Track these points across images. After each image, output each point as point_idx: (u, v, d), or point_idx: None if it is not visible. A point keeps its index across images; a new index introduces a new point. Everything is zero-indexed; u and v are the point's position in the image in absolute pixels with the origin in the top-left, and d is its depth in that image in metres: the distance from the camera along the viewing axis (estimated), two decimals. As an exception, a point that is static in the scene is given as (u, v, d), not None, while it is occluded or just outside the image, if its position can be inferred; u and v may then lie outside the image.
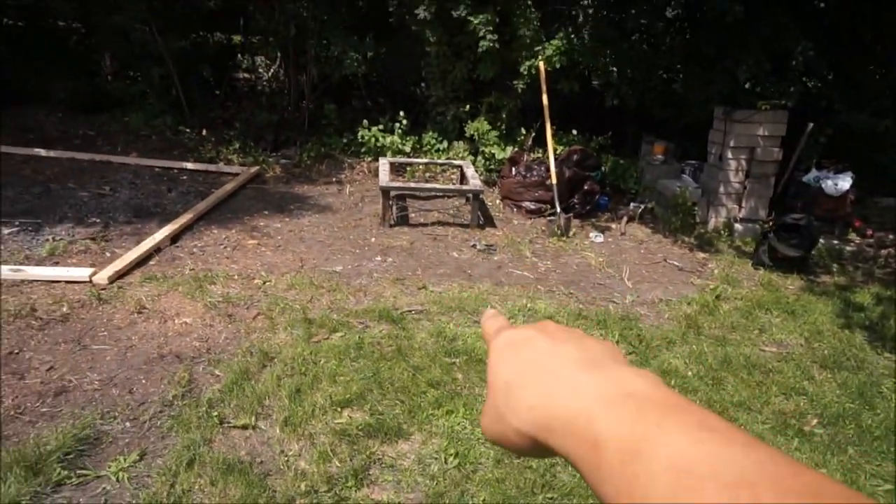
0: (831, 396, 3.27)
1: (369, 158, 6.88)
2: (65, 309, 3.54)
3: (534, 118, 6.76)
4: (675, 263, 5.00)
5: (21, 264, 3.99)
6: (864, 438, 2.94)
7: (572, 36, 6.62)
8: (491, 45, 6.34)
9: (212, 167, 6.45)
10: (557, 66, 6.35)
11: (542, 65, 5.88)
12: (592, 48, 6.81)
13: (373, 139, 6.87)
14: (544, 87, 5.74)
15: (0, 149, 6.31)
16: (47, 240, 4.40)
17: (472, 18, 6.30)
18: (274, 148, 7.08)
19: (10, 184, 5.47)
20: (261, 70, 9.28)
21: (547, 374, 0.36)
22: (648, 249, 5.30)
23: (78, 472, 2.38)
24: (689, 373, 3.41)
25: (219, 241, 4.76)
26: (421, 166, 6.77)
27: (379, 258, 4.70)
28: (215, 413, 2.76)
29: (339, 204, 5.85)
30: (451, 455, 2.63)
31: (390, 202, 5.40)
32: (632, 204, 6.11)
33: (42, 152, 6.33)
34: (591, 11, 8.00)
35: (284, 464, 2.52)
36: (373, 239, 5.06)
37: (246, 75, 9.59)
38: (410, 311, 3.86)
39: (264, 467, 2.49)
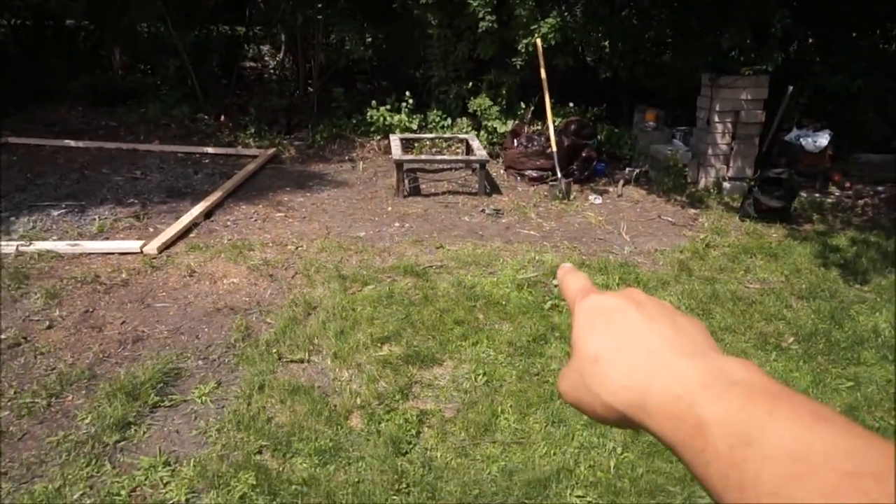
0: (806, 320, 3.72)
1: (378, 137, 7.28)
2: (124, 275, 3.96)
3: (532, 93, 7.15)
4: (669, 219, 5.43)
5: (76, 240, 4.41)
6: (832, 350, 3.40)
7: (566, 14, 7.00)
8: (490, 25, 6.70)
9: (231, 150, 6.85)
10: (553, 42, 6.73)
11: (538, 42, 6.26)
12: (585, 25, 7.19)
13: (381, 118, 7.26)
14: (542, 63, 6.13)
15: (31, 141, 6.70)
16: (94, 219, 4.82)
17: (471, 1, 6.66)
18: (287, 131, 7.48)
19: (48, 172, 5.87)
20: (267, 58, 9.64)
21: (643, 353, 0.35)
22: (644, 208, 5.72)
23: (168, 397, 2.82)
24: (682, 306, 3.84)
25: (248, 215, 5.17)
26: (428, 141, 7.17)
27: (397, 224, 5.12)
28: (274, 351, 3.20)
29: (353, 179, 6.26)
30: (480, 374, 3.08)
31: (403, 174, 5.81)
32: (627, 168, 6.52)
33: (71, 143, 6.72)
34: (582, -11, 8.37)
35: (339, 387, 2.96)
36: (389, 208, 5.48)
37: (252, 64, 9.95)
38: (431, 266, 4.29)
39: (322, 390, 2.94)
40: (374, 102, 7.40)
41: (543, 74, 6.12)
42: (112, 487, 2.28)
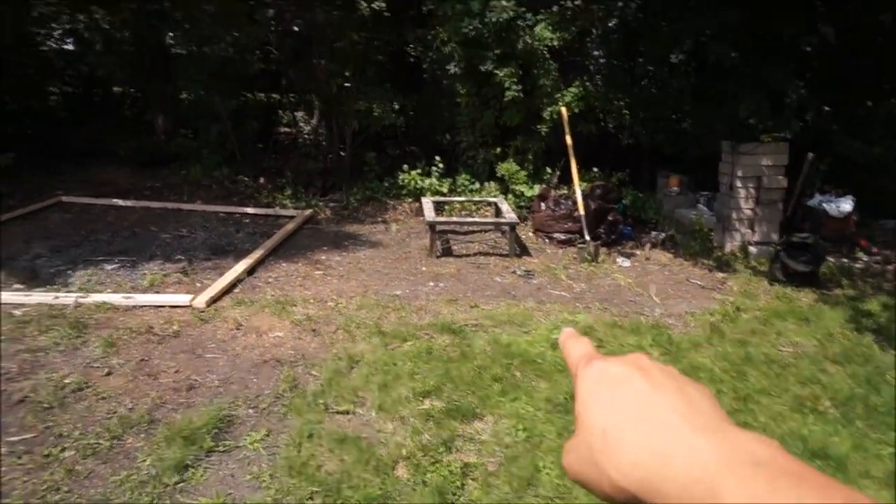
0: (842, 384, 3.76)
1: (410, 200, 7.55)
2: (175, 327, 4.14)
3: (557, 158, 7.43)
4: (697, 282, 5.54)
5: (129, 293, 4.62)
6: (870, 415, 3.43)
7: (587, 83, 7.36)
8: (516, 94, 7.06)
9: (269, 211, 7.14)
10: (576, 110, 7.06)
11: (563, 109, 6.58)
12: (606, 93, 7.55)
13: (412, 182, 7.56)
14: (567, 129, 6.42)
15: (83, 200, 7.06)
16: (145, 273, 5.05)
17: (497, 72, 7.04)
18: (322, 193, 7.79)
19: (100, 229, 6.18)
20: (301, 124, 10.10)
21: (655, 427, 0.33)
22: (671, 271, 5.85)
23: (222, 442, 2.94)
24: (716, 368, 3.92)
25: (289, 272, 5.38)
26: (458, 204, 7.42)
27: (431, 283, 5.29)
28: (320, 402, 3.32)
29: (387, 240, 6.48)
30: (520, 430, 3.16)
31: (436, 236, 6.02)
32: (653, 232, 6.68)
33: (120, 202, 7.07)
34: (602, 61, 8.79)
35: (384, 438, 3.06)
36: (423, 268, 5.66)
37: (287, 129, 10.43)
38: (467, 324, 4.43)
39: (368, 440, 3.04)
40: (405, 166, 7.71)
41: (569, 140, 6.40)
42: (175, 527, 2.38)
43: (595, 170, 7.52)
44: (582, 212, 6.16)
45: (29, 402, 3.20)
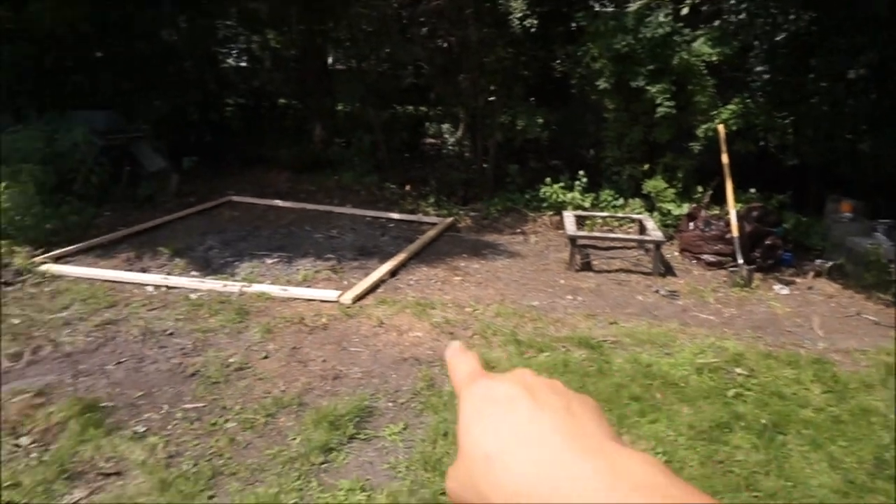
0: None
1: (550, 213, 7.51)
2: (324, 320, 4.41)
3: (709, 177, 7.05)
4: (871, 318, 4.99)
5: (285, 286, 5.00)
6: None
7: (748, 100, 6.91)
8: (668, 110, 6.79)
9: (413, 217, 7.41)
10: (733, 128, 6.66)
11: (720, 127, 6.23)
12: (769, 111, 7.04)
13: (554, 195, 7.51)
14: (724, 148, 6.07)
15: (249, 200, 7.75)
16: (299, 269, 5.44)
17: (649, 88, 6.82)
18: (464, 202, 7.96)
19: (263, 226, 6.74)
20: (446, 136, 10.41)
21: (535, 452, 0.32)
22: (839, 304, 5.32)
23: (363, 431, 3.08)
24: (891, 414, 3.50)
25: (429, 276, 5.54)
26: (600, 219, 7.26)
27: (570, 297, 5.21)
28: (456, 402, 3.37)
29: (526, 251, 6.49)
30: (660, 454, 3.02)
31: (576, 249, 5.93)
32: (818, 260, 6.12)
33: (279, 203, 7.68)
34: (766, 77, 8.23)
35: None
36: (562, 281, 5.59)
37: (432, 140, 10.79)
38: (605, 340, 4.31)
39: (502, 445, 3.04)
40: (548, 179, 7.68)
41: (725, 159, 6.05)
42: (318, 501, 2.53)
43: (752, 191, 7.03)
44: (735, 234, 5.79)
45: (200, 375, 3.56)
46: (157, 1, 8.57)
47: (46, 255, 5.40)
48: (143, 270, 5.29)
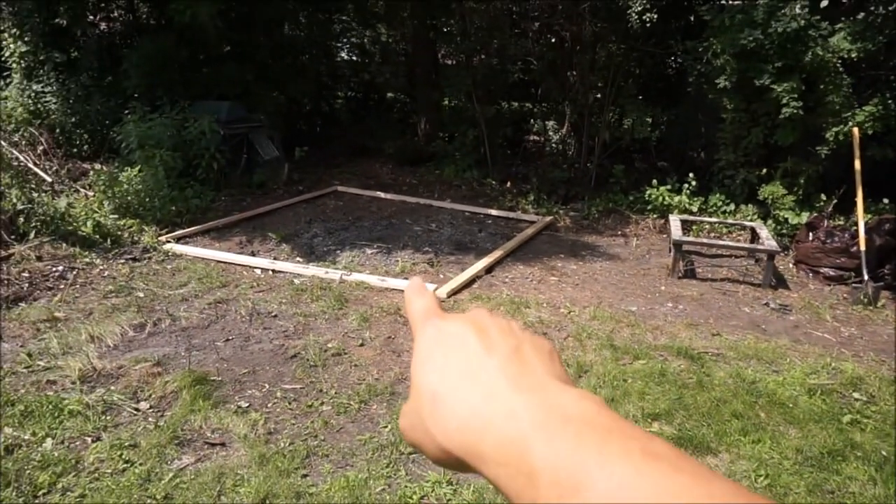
0: None
1: (655, 216, 7.24)
2: (419, 312, 4.49)
3: (833, 184, 6.53)
4: None
5: (384, 276, 5.14)
6: None
7: (889, 101, 6.32)
8: (794, 111, 6.34)
9: (511, 214, 7.39)
10: (869, 132, 6.11)
11: (855, 130, 5.76)
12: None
13: (660, 198, 7.23)
14: (857, 153, 5.60)
15: (353, 190, 8.02)
16: (397, 260, 5.57)
17: (774, 87, 6.39)
18: (564, 201, 7.83)
19: (364, 217, 6.96)
20: (550, 133, 10.27)
21: (478, 390, 0.33)
22: (979, 330, 4.78)
23: (452, 425, 3.12)
24: None
25: (524, 275, 5.51)
26: (707, 225, 6.92)
27: (670, 304, 5.01)
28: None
29: (626, 254, 6.30)
30: (762, 476, 2.85)
31: (680, 255, 5.69)
32: (957, 281, 5.53)
33: (381, 195, 7.89)
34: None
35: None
36: (662, 287, 5.38)
37: (535, 137, 10.68)
38: (707, 352, 4.11)
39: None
40: (654, 181, 7.40)
41: (857, 166, 5.58)
42: (405, 490, 2.59)
43: (885, 201, 6.45)
44: (863, 247, 5.33)
45: (300, 358, 3.73)
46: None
47: (170, 234, 5.85)
48: (253, 254, 5.61)
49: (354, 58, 12.61)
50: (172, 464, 2.77)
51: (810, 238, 5.91)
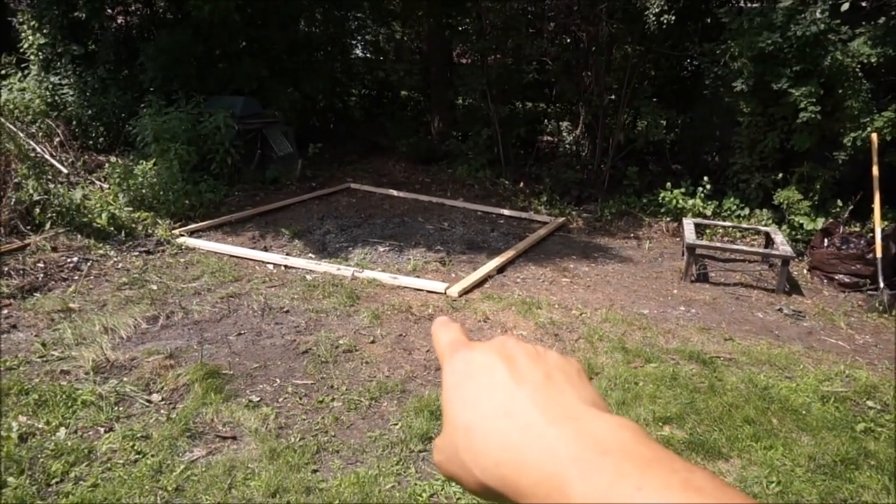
0: None
1: (668, 219, 7.20)
2: (430, 310, 4.50)
3: (850, 190, 6.46)
4: None
5: (395, 274, 5.14)
6: None
7: (909, 107, 6.25)
8: (811, 116, 6.28)
9: (524, 215, 7.37)
10: (888, 138, 6.05)
11: (874, 136, 5.70)
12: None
13: (674, 201, 7.19)
14: (875, 159, 5.55)
15: (366, 188, 8.03)
16: (409, 258, 5.57)
17: (792, 91, 6.33)
18: (577, 202, 7.81)
19: (377, 214, 6.97)
20: (564, 134, 10.24)
21: (513, 424, 0.32)
22: None
23: (462, 424, 3.11)
24: None
25: (536, 275, 5.49)
26: (721, 229, 6.88)
27: (682, 308, 4.98)
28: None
29: (639, 257, 6.26)
30: (773, 482, 2.83)
31: (693, 259, 5.65)
32: (975, 290, 5.46)
33: (394, 192, 7.89)
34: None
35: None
36: (675, 291, 5.35)
37: (549, 138, 10.65)
38: (719, 357, 4.08)
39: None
40: (668, 184, 7.36)
41: (876, 172, 5.53)
42: (415, 488, 2.60)
43: (902, 208, 6.39)
44: (879, 254, 5.28)
45: (311, 353, 3.75)
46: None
47: (183, 228, 5.88)
48: (266, 249, 5.63)
49: (369, 55, 12.63)
50: (184, 456, 2.78)
51: (825, 244, 5.85)
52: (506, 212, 7.42)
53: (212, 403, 3.14)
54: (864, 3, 6.84)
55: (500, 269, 5.52)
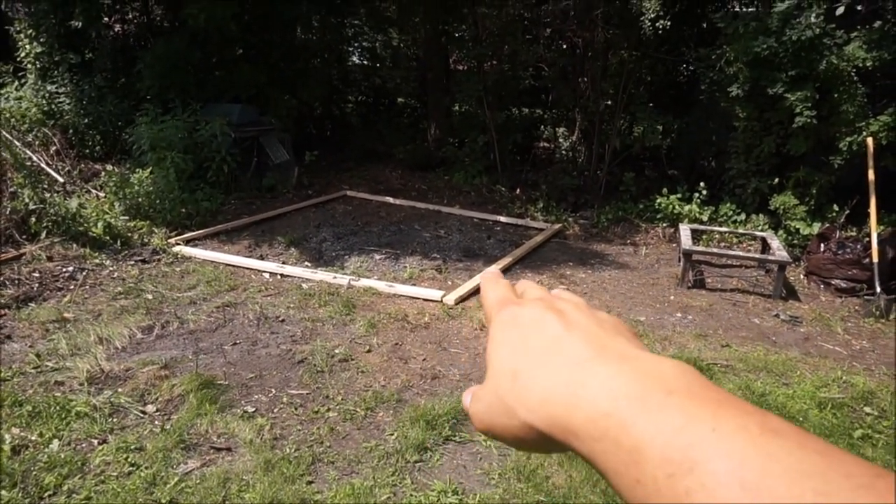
0: None
1: (664, 224, 7.20)
2: (426, 319, 4.48)
3: (846, 194, 6.47)
4: None
5: (392, 282, 5.13)
6: None
7: (904, 112, 6.26)
8: (807, 121, 6.29)
9: (520, 221, 7.37)
10: (883, 142, 6.06)
11: (870, 140, 5.71)
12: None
13: (670, 206, 7.19)
14: (871, 164, 5.56)
15: (362, 195, 8.03)
16: (405, 266, 5.56)
17: (788, 95, 6.35)
18: (574, 209, 7.81)
19: (373, 222, 6.96)
20: (560, 140, 10.26)
21: (565, 362, 0.31)
22: None
23: (458, 434, 3.10)
24: None
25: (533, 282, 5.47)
26: (717, 235, 6.88)
27: (679, 314, 4.98)
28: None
29: (635, 263, 6.26)
30: (771, 492, 2.81)
31: (690, 265, 5.65)
32: (972, 295, 5.46)
33: (391, 200, 7.89)
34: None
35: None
36: (671, 297, 5.35)
37: (546, 144, 10.67)
38: (716, 363, 4.08)
39: (597, 463, 2.96)
40: (665, 190, 7.37)
41: (871, 176, 5.53)
42: (411, 499, 2.58)
43: (898, 212, 6.39)
44: (875, 259, 5.28)
45: (307, 363, 3.73)
46: (295, 0, 9.06)
47: (179, 237, 5.87)
48: (262, 258, 5.62)
49: (366, 62, 12.65)
50: (178, 468, 2.77)
51: (822, 249, 5.85)
52: (502, 218, 7.42)
53: (207, 414, 3.13)
54: (858, 8, 6.86)
55: (497, 276, 5.50)
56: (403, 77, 11.82)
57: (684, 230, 6.13)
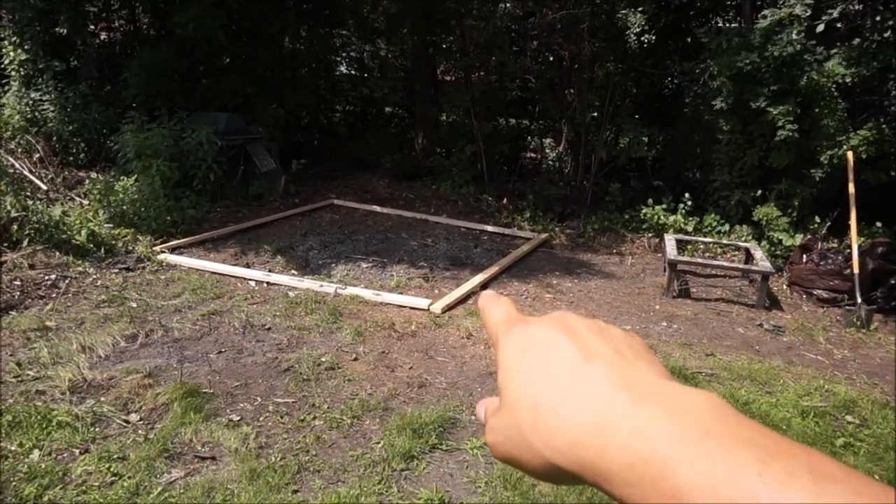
0: None
1: (650, 234, 7.27)
2: (413, 327, 4.48)
3: (828, 206, 6.57)
4: None
5: (378, 291, 5.12)
6: None
7: (883, 126, 6.38)
8: (789, 134, 6.40)
9: (507, 231, 7.40)
10: (863, 155, 6.17)
11: (850, 154, 5.81)
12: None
13: (655, 217, 7.26)
14: (851, 176, 5.65)
15: (350, 204, 8.02)
16: (392, 275, 5.56)
17: (770, 109, 6.45)
18: (560, 219, 7.85)
19: (360, 231, 6.96)
20: (547, 150, 10.33)
21: (590, 399, 0.30)
22: (972, 355, 4.80)
23: (445, 442, 3.10)
24: None
25: (520, 291, 5.50)
26: (702, 245, 6.95)
27: (664, 323, 5.01)
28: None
29: (621, 272, 6.31)
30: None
31: (675, 275, 5.70)
32: (950, 305, 5.55)
33: (378, 209, 7.89)
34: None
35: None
36: (657, 306, 5.39)
37: (532, 154, 10.74)
38: (701, 372, 4.11)
39: (583, 472, 2.97)
40: (650, 201, 7.44)
41: (852, 189, 5.63)
42: (397, 509, 2.57)
43: (878, 224, 6.50)
44: (856, 270, 5.36)
45: (293, 371, 3.71)
46: (283, 10, 9.08)
47: (164, 245, 5.83)
48: (248, 266, 5.59)
49: (354, 72, 12.68)
50: (161, 477, 2.73)
51: (804, 260, 5.93)
52: (489, 228, 7.44)
53: (191, 423, 3.10)
54: (838, 25, 7.01)
55: (484, 286, 5.52)
56: (391, 87, 11.85)
57: (669, 240, 6.18)
